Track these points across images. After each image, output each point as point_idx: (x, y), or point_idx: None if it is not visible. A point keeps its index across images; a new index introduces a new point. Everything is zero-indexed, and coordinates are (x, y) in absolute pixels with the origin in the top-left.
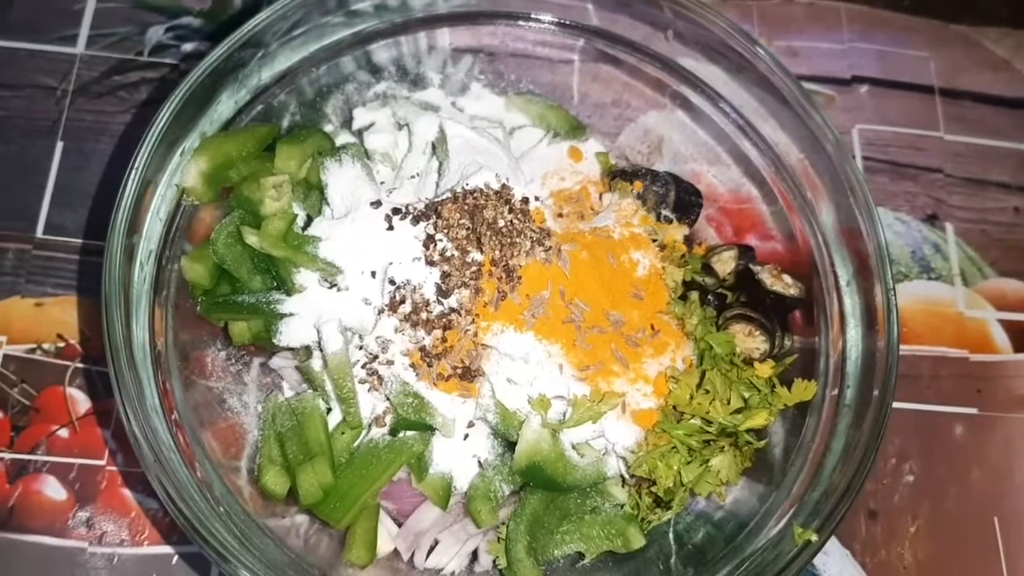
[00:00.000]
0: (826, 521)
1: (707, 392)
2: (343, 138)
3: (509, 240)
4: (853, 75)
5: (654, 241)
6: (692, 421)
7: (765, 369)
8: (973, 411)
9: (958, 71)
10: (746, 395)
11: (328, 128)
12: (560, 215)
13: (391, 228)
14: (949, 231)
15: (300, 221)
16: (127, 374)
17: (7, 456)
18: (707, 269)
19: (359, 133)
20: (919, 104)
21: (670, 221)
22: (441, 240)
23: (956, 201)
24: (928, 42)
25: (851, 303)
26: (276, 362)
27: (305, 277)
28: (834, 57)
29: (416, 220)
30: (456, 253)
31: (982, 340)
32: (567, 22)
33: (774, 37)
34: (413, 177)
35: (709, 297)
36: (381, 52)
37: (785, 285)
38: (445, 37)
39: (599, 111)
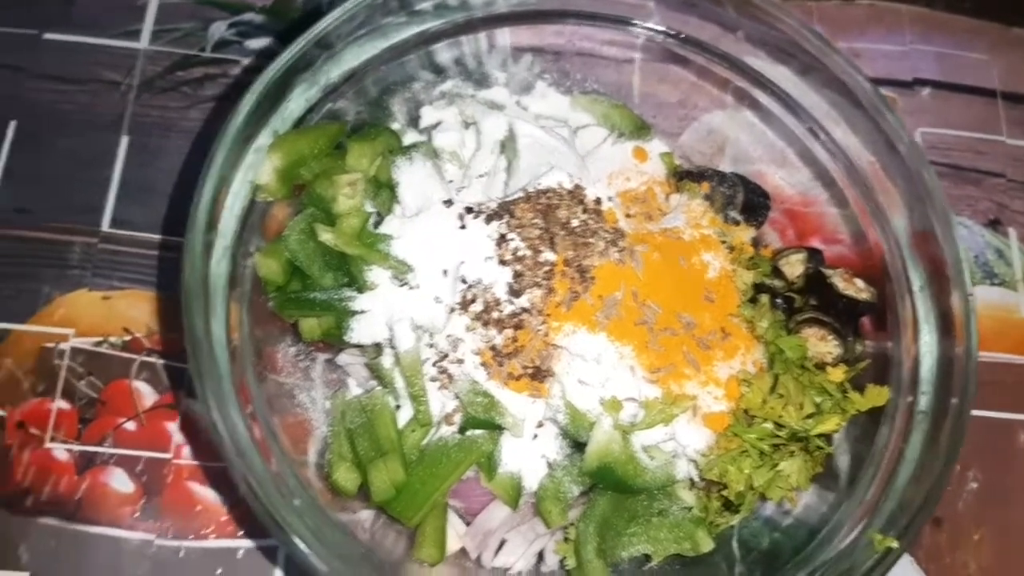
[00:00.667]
0: (905, 530)
1: (780, 396)
2: (410, 136)
3: (583, 240)
4: (915, 77)
5: (722, 243)
6: (763, 425)
7: (837, 374)
8: None
9: (1020, 75)
10: (818, 400)
11: (395, 126)
12: (627, 216)
13: (464, 227)
14: (1012, 236)
15: (371, 217)
16: (208, 366)
17: (75, 448)
18: (776, 272)
19: (426, 131)
20: (981, 107)
21: (737, 223)
22: (513, 239)
23: (1019, 206)
24: (989, 45)
25: (924, 309)
26: (343, 359)
27: (377, 275)
28: (895, 59)
29: (489, 219)
30: (529, 252)
31: None
32: (633, 21)
33: (835, 39)
34: (481, 176)
35: (778, 300)
36: (445, 52)
37: (857, 289)
38: (507, 36)
39: (662, 111)
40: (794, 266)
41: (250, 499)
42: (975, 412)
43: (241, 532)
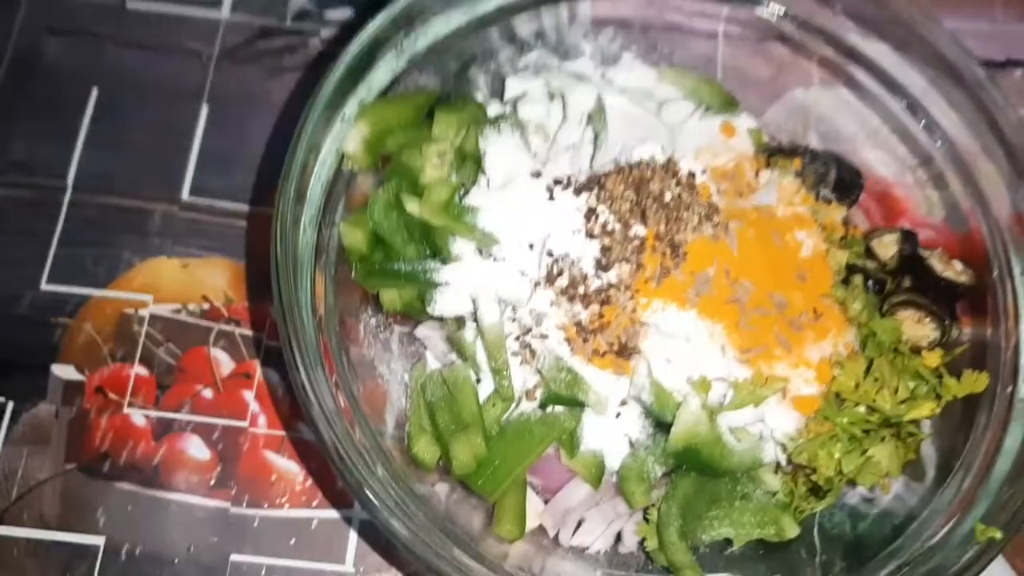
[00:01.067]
0: (1011, 520)
1: (875, 380)
2: (494, 108)
3: (676, 214)
4: (1008, 58)
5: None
6: (856, 409)
7: (934, 358)
8: None
9: None
10: (912, 385)
11: (479, 98)
12: (718, 191)
13: (552, 199)
14: None
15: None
16: (298, 332)
17: (153, 414)
18: (868, 253)
19: (511, 103)
20: None
21: (829, 202)
22: (603, 212)
23: None
24: None
25: None
26: (422, 331)
27: (461, 247)
28: (987, 39)
29: (578, 192)
30: (618, 226)
31: None
32: None
33: None
34: (568, 148)
35: (870, 282)
36: (529, 22)
37: (956, 272)
38: (587, 8)
39: (750, 86)
40: (888, 247)
41: (338, 465)
42: None
43: (315, 503)
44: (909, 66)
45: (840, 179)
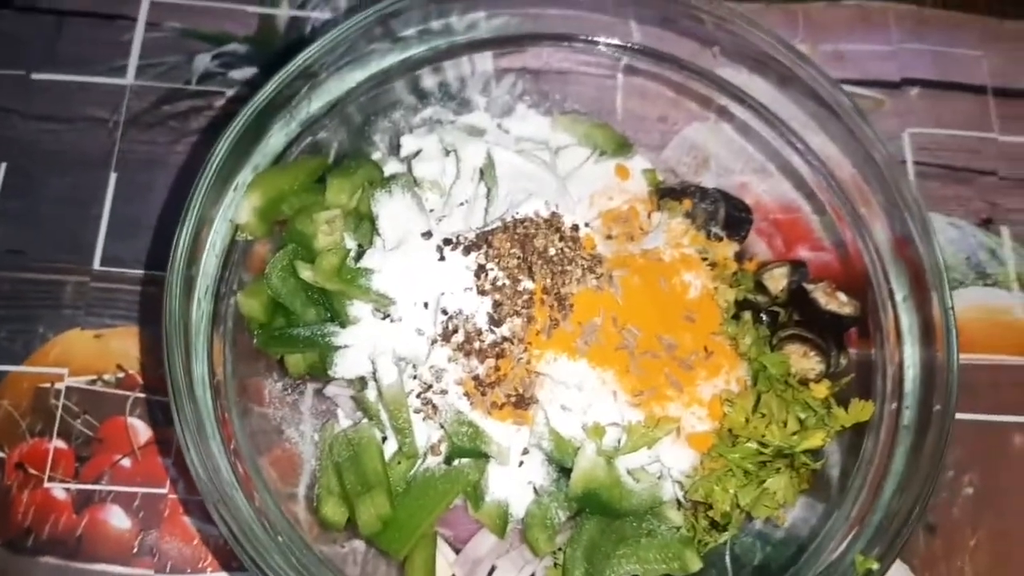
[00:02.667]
0: (889, 546)
1: (763, 415)
2: (391, 166)
3: (560, 268)
4: (903, 77)
5: (704, 260)
6: (747, 444)
7: (821, 390)
8: None
9: (1013, 69)
10: (802, 416)
11: (376, 156)
12: (609, 236)
13: (443, 259)
14: (1005, 235)
15: (352, 252)
16: (188, 407)
17: (73, 487)
18: (759, 287)
19: (407, 160)
20: (971, 104)
21: (720, 239)
22: (492, 269)
23: (1011, 203)
24: (980, 40)
25: (908, 319)
26: (331, 390)
27: (359, 309)
28: (883, 59)
29: (467, 250)
30: (507, 282)
31: None
32: (611, 41)
33: (820, 41)
34: (462, 204)
35: (762, 315)
36: (427, 77)
37: (840, 303)
38: (488, 60)
39: (644, 126)
40: (777, 280)
41: (229, 539)
42: (969, 416)
43: (236, 565)
44: (788, 102)
45: (729, 216)
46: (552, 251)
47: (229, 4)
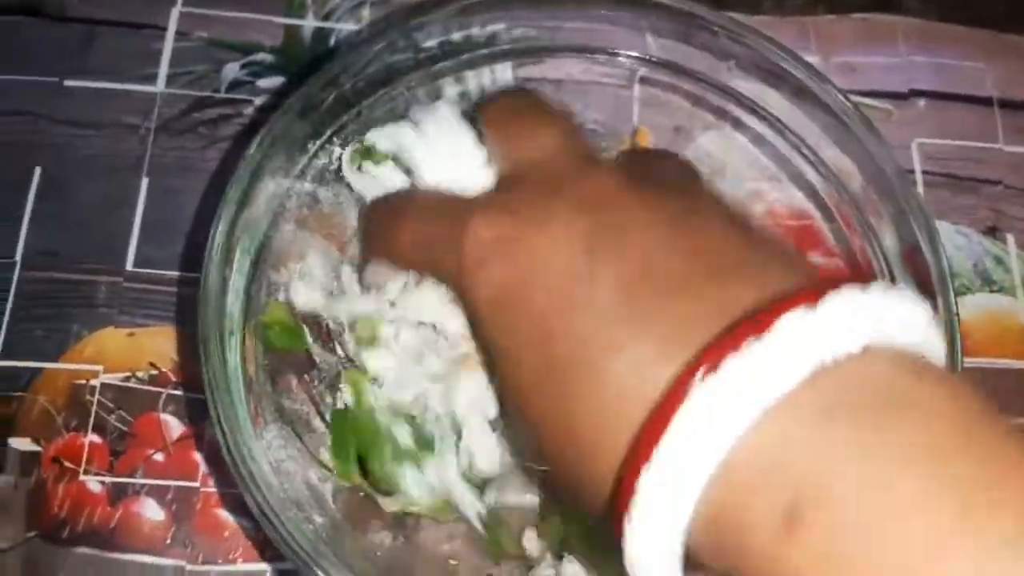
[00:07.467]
0: None
1: None
2: None
3: None
4: (911, 89)
5: None
6: None
7: None
8: None
9: (1015, 81)
10: None
11: None
12: None
13: None
14: (1010, 242)
15: None
16: (224, 400)
17: (108, 480)
18: None
19: None
20: (978, 116)
21: None
22: None
23: (1016, 212)
24: (984, 53)
25: None
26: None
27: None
28: (891, 71)
29: None
30: None
31: None
32: (630, 53)
33: (831, 54)
34: None
35: None
36: (448, 88)
37: None
38: (508, 71)
39: (660, 135)
40: None
41: (264, 524)
42: None
43: (268, 555)
44: (800, 114)
45: None
46: None
47: (256, 15)
